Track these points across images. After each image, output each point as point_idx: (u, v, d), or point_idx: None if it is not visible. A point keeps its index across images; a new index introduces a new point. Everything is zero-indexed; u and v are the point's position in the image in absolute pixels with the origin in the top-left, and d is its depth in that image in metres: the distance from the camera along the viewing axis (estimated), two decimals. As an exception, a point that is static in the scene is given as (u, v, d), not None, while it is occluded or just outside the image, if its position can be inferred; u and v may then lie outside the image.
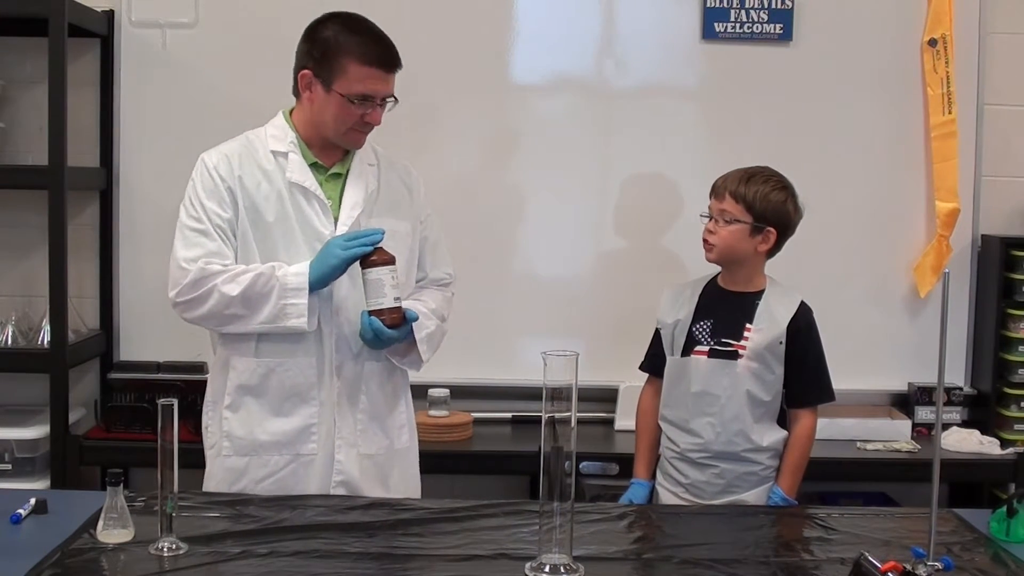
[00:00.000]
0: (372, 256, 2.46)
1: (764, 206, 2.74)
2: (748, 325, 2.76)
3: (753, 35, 3.75)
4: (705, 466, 2.77)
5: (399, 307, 2.49)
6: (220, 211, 2.57)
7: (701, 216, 2.83)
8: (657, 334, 2.90)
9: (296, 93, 2.65)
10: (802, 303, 2.79)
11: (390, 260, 2.47)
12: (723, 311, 2.80)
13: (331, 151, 2.64)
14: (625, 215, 3.83)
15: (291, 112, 2.68)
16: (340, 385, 2.63)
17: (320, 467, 2.62)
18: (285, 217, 2.58)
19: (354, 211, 2.62)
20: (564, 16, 3.76)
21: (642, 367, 2.95)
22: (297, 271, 2.51)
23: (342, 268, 2.49)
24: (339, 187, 2.65)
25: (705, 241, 2.80)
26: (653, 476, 2.90)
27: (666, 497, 2.84)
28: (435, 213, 2.85)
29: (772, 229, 2.76)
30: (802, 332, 2.76)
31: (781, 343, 2.74)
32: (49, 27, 3.35)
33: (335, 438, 2.62)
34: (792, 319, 2.76)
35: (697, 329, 2.81)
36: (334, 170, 2.65)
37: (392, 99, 2.61)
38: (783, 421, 2.81)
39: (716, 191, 2.79)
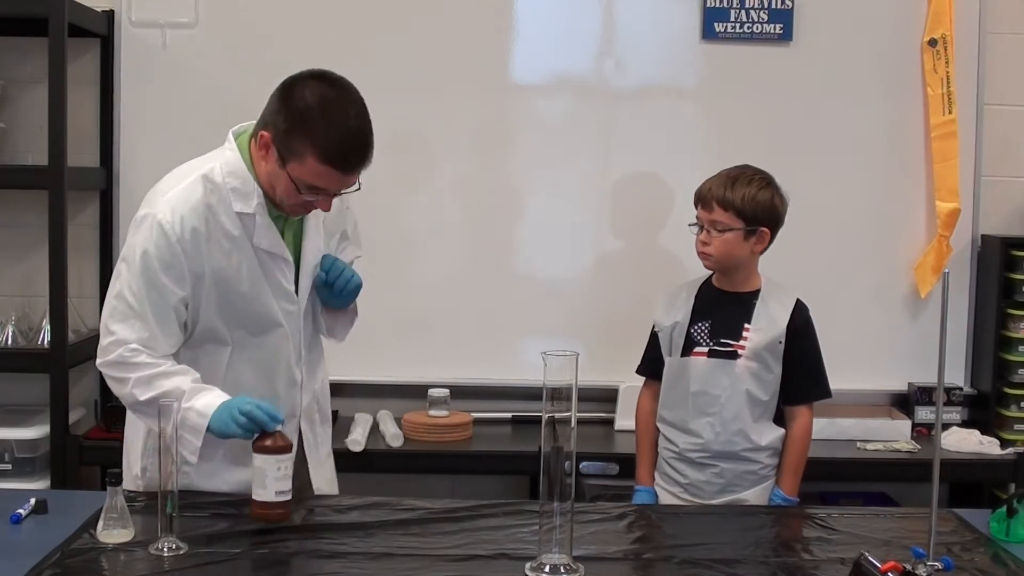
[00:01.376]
0: (264, 441, 2.21)
1: (754, 208, 2.74)
2: (747, 325, 2.76)
3: (753, 35, 3.75)
4: (705, 466, 2.78)
5: (281, 503, 2.21)
6: (176, 289, 2.33)
7: (690, 226, 2.82)
8: (654, 337, 2.90)
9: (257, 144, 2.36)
10: (798, 301, 2.80)
11: (282, 449, 2.21)
12: (721, 312, 2.80)
13: None
14: (625, 215, 3.83)
15: (248, 146, 2.41)
16: (304, 425, 2.56)
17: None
18: (258, 284, 2.41)
19: (315, 270, 2.50)
20: (564, 16, 3.76)
21: (639, 371, 2.96)
22: (200, 410, 2.28)
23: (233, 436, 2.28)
24: (295, 235, 2.48)
25: (700, 252, 2.79)
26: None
27: (665, 498, 2.84)
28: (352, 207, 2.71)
29: (765, 229, 2.76)
30: (800, 331, 2.77)
31: (781, 343, 2.75)
32: (49, 27, 3.34)
33: (309, 474, 2.56)
34: (791, 318, 2.76)
35: (695, 330, 2.81)
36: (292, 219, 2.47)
37: (353, 187, 2.35)
38: (779, 420, 2.81)
39: (703, 201, 2.78)
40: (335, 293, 2.53)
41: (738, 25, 3.75)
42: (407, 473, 3.61)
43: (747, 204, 2.73)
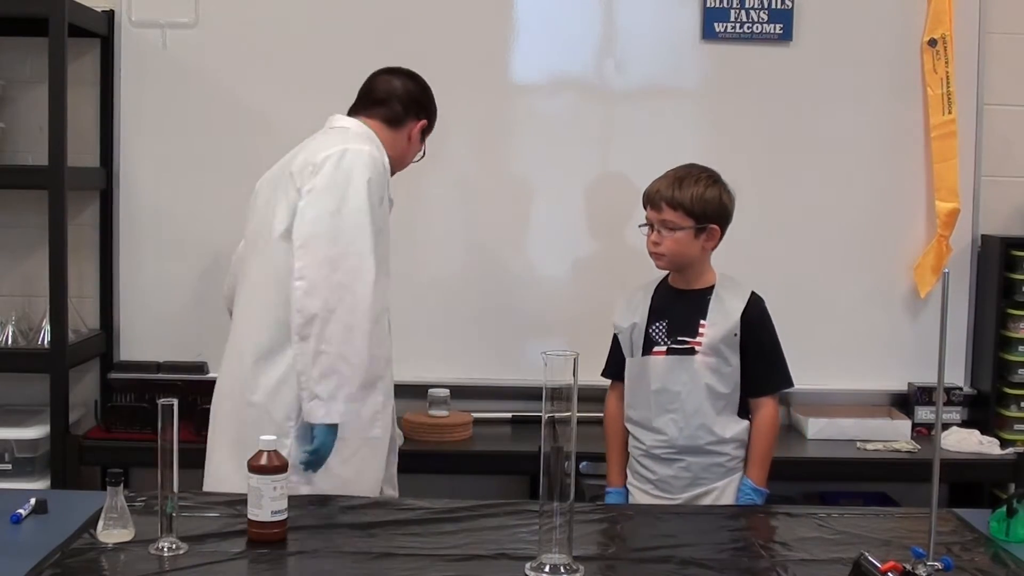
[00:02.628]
0: (260, 460, 2.18)
1: (703, 207, 2.77)
2: (702, 321, 2.79)
3: (753, 35, 3.75)
4: (671, 461, 2.80)
5: (277, 523, 2.18)
6: (382, 212, 2.71)
7: (640, 227, 2.85)
8: (616, 339, 2.92)
9: (393, 123, 2.88)
10: (753, 294, 2.83)
11: (278, 468, 2.18)
12: (676, 310, 2.83)
13: None
14: (625, 215, 3.81)
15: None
16: None
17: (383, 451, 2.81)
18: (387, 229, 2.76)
19: None
20: (564, 16, 3.76)
21: (604, 374, 2.98)
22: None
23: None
24: None
25: (652, 252, 2.82)
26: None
27: (637, 495, 2.86)
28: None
29: (715, 226, 2.79)
30: (755, 322, 2.80)
31: (736, 335, 2.77)
32: (49, 27, 3.34)
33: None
34: (744, 310, 2.79)
35: (653, 330, 2.84)
36: None
37: None
38: (744, 413, 2.83)
39: (651, 202, 2.82)
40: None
41: (738, 25, 3.75)
42: (407, 473, 3.59)
43: (696, 203, 2.77)
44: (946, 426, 3.65)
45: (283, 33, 3.71)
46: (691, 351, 2.78)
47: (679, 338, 2.80)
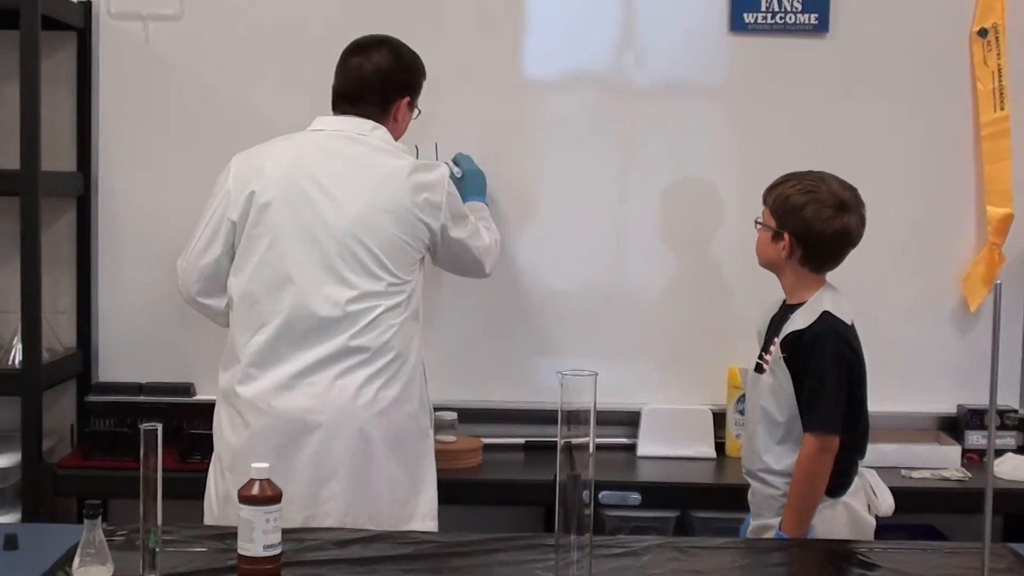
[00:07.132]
0: (251, 490, 2.17)
1: (782, 210, 2.76)
2: (775, 339, 2.76)
3: (786, 26, 3.75)
4: (747, 483, 2.85)
5: (270, 558, 2.16)
6: None
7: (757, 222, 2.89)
8: None
9: (379, 116, 3.05)
10: (820, 318, 2.71)
11: (271, 499, 2.16)
12: (773, 324, 2.84)
13: None
14: (646, 222, 3.82)
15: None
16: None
17: None
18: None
19: None
20: (580, 7, 3.77)
21: None
22: None
23: None
24: None
25: None
26: None
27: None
28: None
29: (788, 235, 2.75)
30: (804, 348, 2.69)
31: (782, 356, 2.72)
32: (21, 19, 3.35)
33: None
34: (796, 333, 2.70)
35: (764, 341, 2.86)
36: None
37: None
38: None
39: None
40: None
41: (769, 16, 3.75)
42: (410, 504, 3.60)
43: (777, 204, 2.77)
44: (999, 452, 3.64)
45: (274, 26, 3.72)
46: (761, 369, 2.79)
47: (761, 353, 2.83)
